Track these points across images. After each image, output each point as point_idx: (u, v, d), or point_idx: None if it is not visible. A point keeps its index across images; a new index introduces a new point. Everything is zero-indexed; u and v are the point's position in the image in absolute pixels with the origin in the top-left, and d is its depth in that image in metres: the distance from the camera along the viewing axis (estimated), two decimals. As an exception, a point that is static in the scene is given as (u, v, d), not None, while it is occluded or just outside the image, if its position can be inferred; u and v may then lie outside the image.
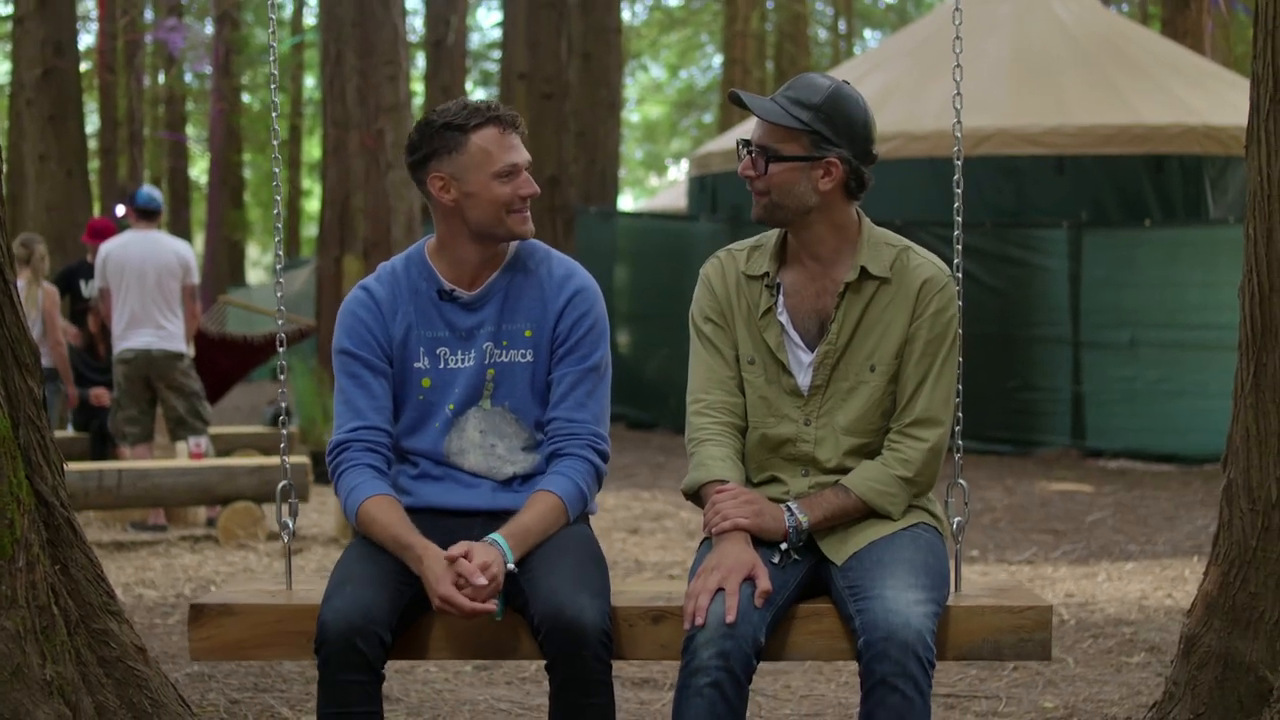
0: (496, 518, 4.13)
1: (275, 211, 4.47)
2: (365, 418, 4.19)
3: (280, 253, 4.50)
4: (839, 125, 4.01)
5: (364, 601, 3.81)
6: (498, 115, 4.14)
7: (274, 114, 4.54)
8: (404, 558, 3.95)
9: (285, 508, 4.38)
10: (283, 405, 4.52)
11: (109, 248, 11.14)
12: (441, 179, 4.15)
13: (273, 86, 4.53)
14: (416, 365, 4.22)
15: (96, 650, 4.48)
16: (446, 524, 4.13)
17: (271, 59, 4.52)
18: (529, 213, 4.19)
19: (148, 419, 11.27)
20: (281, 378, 4.53)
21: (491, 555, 3.88)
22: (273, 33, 4.54)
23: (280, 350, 4.51)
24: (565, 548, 4.03)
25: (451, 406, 4.21)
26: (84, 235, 12.94)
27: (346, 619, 3.77)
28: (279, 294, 4.53)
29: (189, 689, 5.85)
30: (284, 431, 4.49)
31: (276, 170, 4.54)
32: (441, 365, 4.22)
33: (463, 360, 4.21)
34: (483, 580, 3.82)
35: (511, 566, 3.91)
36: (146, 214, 11.24)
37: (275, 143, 4.53)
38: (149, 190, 11.40)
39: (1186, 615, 4.83)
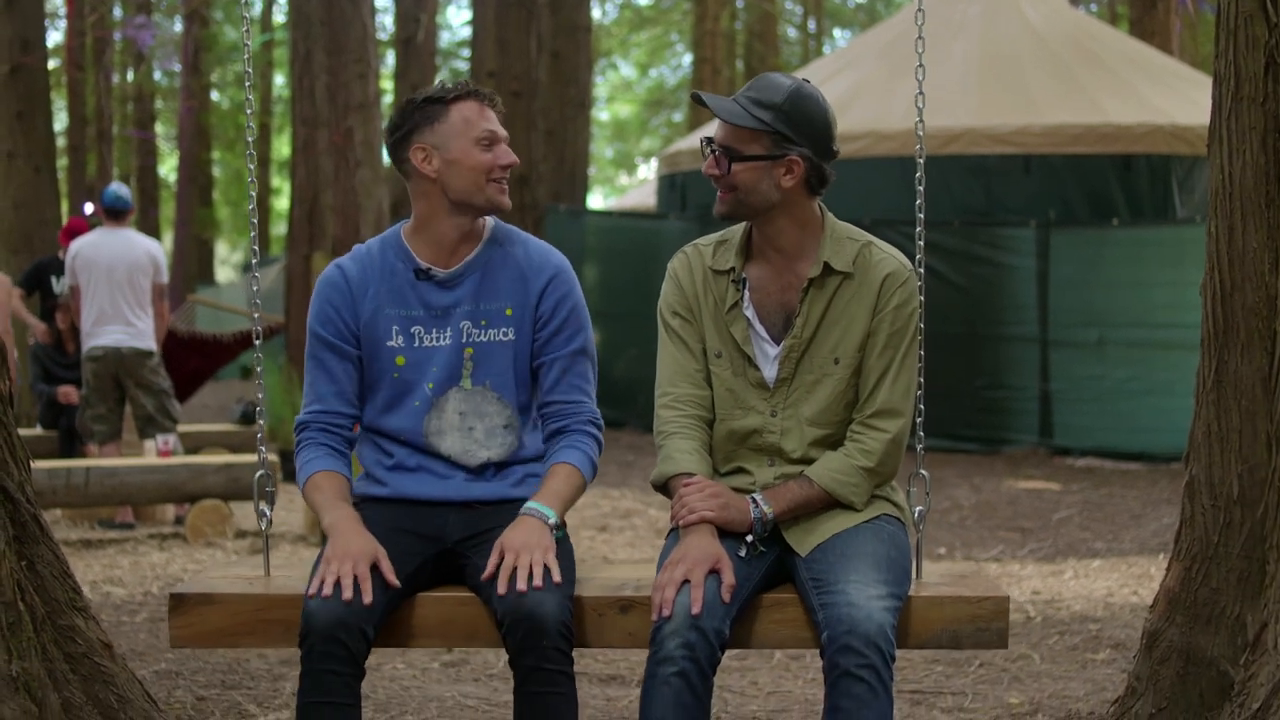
0: (470, 508, 4.25)
1: (250, 208, 4.49)
2: (324, 402, 4.32)
3: (256, 248, 4.52)
4: (799, 124, 4.08)
5: (346, 601, 3.86)
6: (476, 90, 4.24)
7: (249, 111, 4.57)
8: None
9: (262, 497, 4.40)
10: (259, 396, 4.56)
11: (79, 245, 11.10)
12: (424, 150, 4.21)
13: (247, 84, 4.55)
14: (389, 344, 4.27)
15: (63, 646, 4.48)
16: (420, 514, 4.23)
17: (245, 58, 4.54)
18: (507, 185, 4.26)
19: (116, 417, 11.24)
20: (258, 370, 4.58)
21: (534, 539, 3.99)
22: (246, 31, 4.57)
23: (256, 343, 4.56)
24: None
25: (431, 385, 4.26)
26: (60, 236, 12.90)
27: (333, 611, 3.82)
28: (255, 288, 4.57)
29: (156, 686, 5.85)
30: (260, 422, 4.54)
31: (251, 167, 4.57)
32: (417, 344, 4.27)
33: (438, 339, 4.26)
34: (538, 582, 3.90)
35: (553, 522, 4.09)
36: (115, 214, 11.21)
37: (250, 140, 4.56)
38: (116, 189, 11.34)
39: (1149, 610, 4.86)
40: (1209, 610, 4.60)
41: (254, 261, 4.57)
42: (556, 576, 3.92)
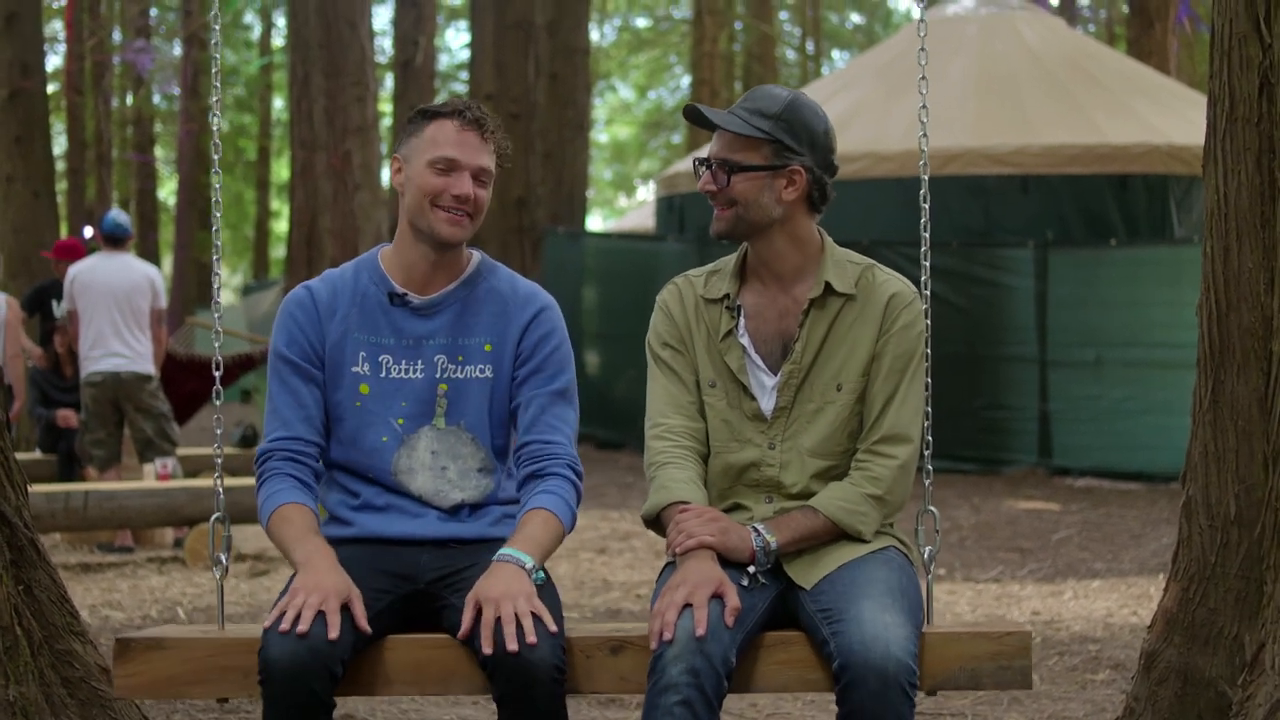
0: (443, 546, 4.00)
1: (214, 229, 4.30)
2: (290, 428, 4.04)
3: (219, 272, 4.30)
4: (800, 134, 3.94)
5: (310, 633, 3.59)
6: (461, 111, 4.01)
7: (215, 129, 4.49)
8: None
9: (219, 540, 4.11)
10: (218, 433, 4.27)
11: (77, 270, 11.13)
12: (397, 161, 4.06)
13: (214, 100, 4.43)
14: (354, 370, 4.04)
15: (60, 671, 4.47)
16: (393, 553, 3.97)
17: (215, 71, 4.41)
18: (464, 218, 3.99)
19: (115, 441, 11.25)
20: (217, 403, 4.24)
21: (515, 587, 3.68)
22: (216, 43, 4.43)
23: (216, 375, 4.22)
24: None
25: (401, 421, 4.03)
26: (54, 251, 12.91)
27: (292, 653, 3.56)
28: (216, 315, 4.31)
29: (154, 710, 5.83)
30: (218, 460, 4.23)
31: (217, 186, 4.35)
32: (383, 374, 4.04)
33: (408, 370, 4.04)
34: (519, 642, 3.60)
35: (530, 566, 3.75)
36: (115, 240, 11.24)
37: (216, 156, 4.34)
38: (115, 216, 11.38)
39: (1147, 631, 4.86)
40: (1207, 631, 4.60)
41: (216, 287, 4.32)
42: (551, 625, 3.64)
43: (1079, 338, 15.00)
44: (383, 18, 38.53)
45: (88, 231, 20.29)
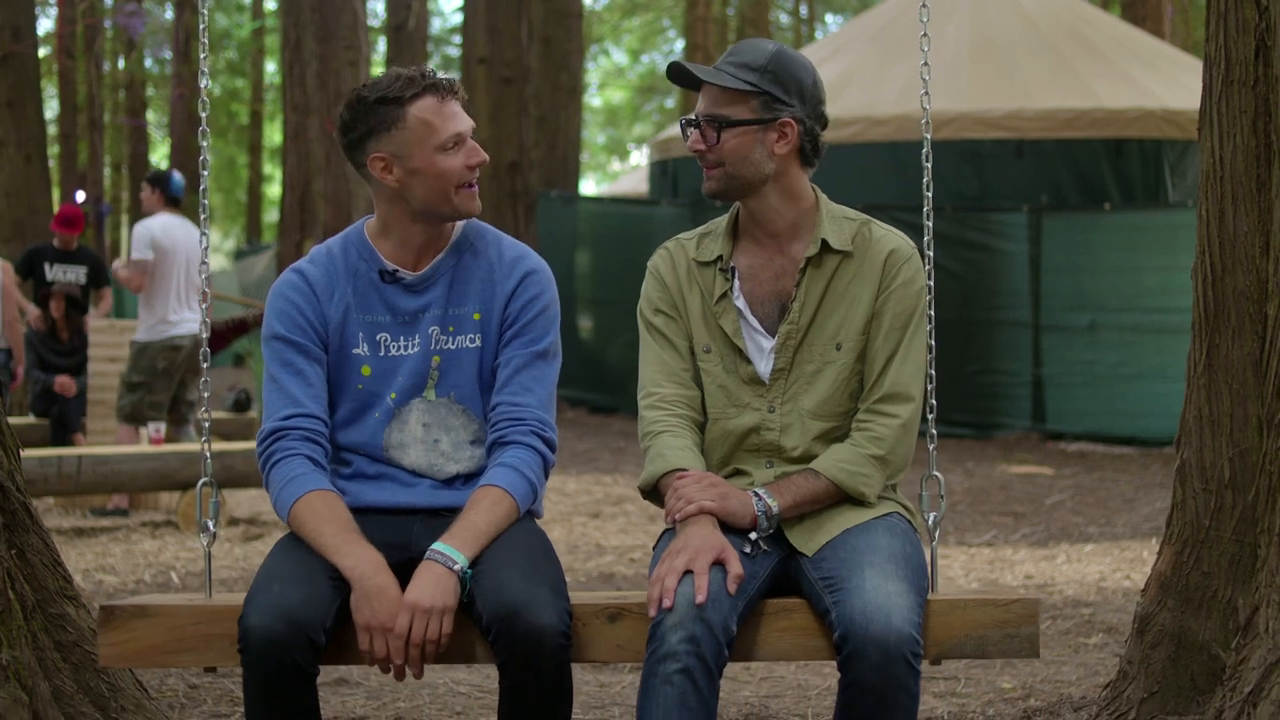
0: (437, 516, 3.85)
1: (202, 188, 4.11)
2: (301, 405, 3.86)
3: (206, 232, 4.16)
4: (788, 84, 3.84)
5: (291, 602, 3.51)
6: (433, 83, 3.81)
7: (203, 85, 4.43)
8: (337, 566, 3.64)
9: (207, 506, 3.99)
10: (205, 395, 4.16)
11: (161, 227, 11.03)
12: (383, 159, 3.82)
13: (203, 57, 4.38)
14: (355, 352, 3.91)
15: (53, 634, 4.47)
16: (384, 522, 3.83)
17: (202, 28, 4.36)
18: (477, 186, 3.86)
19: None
20: (205, 364, 4.15)
21: (438, 600, 3.56)
22: (203, 14, 4.27)
23: (204, 338, 4.15)
24: (514, 542, 3.70)
25: (394, 396, 3.90)
26: (53, 223, 12.92)
27: (269, 623, 3.47)
28: (204, 275, 4.20)
29: (148, 674, 5.82)
30: (206, 424, 4.15)
31: (205, 144, 4.17)
32: (383, 353, 3.91)
33: (406, 347, 3.91)
34: (408, 660, 3.57)
35: (459, 568, 3.59)
36: (178, 203, 11.31)
37: (204, 115, 4.12)
38: (179, 179, 11.42)
39: (1141, 595, 4.86)
40: (1200, 594, 4.59)
41: (204, 247, 4.19)
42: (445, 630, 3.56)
43: (1073, 302, 15.00)
44: (375, -19, 38.38)
45: (80, 196, 20.25)
